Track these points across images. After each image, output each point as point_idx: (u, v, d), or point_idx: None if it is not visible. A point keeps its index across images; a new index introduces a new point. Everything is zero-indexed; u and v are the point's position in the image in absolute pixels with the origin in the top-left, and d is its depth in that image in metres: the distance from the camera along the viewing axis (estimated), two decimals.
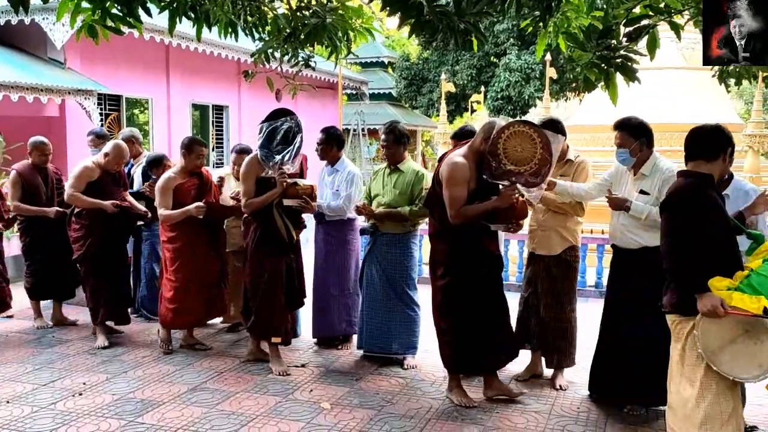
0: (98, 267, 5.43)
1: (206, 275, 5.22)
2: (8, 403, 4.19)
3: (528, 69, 20.96)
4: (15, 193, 5.71)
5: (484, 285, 4.20)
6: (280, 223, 4.75)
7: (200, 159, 5.18)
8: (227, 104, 14.44)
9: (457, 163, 4.05)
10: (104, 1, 3.57)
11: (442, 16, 3.66)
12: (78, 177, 5.35)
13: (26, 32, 10.03)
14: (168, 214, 5.08)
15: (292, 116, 4.72)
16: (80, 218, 5.42)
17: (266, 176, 4.73)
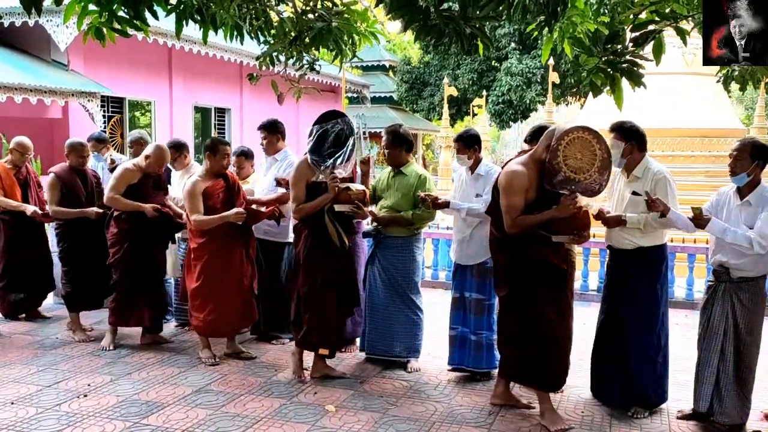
0: (134, 272, 5.28)
1: (239, 281, 5.03)
2: (13, 405, 4.19)
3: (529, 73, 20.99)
4: (53, 196, 5.56)
5: (545, 300, 3.93)
6: (332, 229, 4.57)
7: (226, 159, 5.03)
8: (229, 107, 14.48)
9: (516, 170, 3.90)
10: (111, 3, 3.59)
11: (448, 20, 3.68)
12: (118, 179, 5.23)
13: (30, 34, 10.07)
14: (203, 219, 4.88)
15: (343, 118, 4.61)
16: (119, 221, 5.27)
17: (317, 181, 4.58)
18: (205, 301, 4.97)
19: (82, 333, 5.66)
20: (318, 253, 4.59)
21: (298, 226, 4.72)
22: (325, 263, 4.58)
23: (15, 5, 9.06)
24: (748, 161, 3.85)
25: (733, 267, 3.91)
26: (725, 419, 3.92)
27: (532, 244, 3.91)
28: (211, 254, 4.94)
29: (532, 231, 3.88)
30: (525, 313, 3.96)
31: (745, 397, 3.95)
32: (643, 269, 4.14)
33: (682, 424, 4.08)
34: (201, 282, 4.97)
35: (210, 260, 4.94)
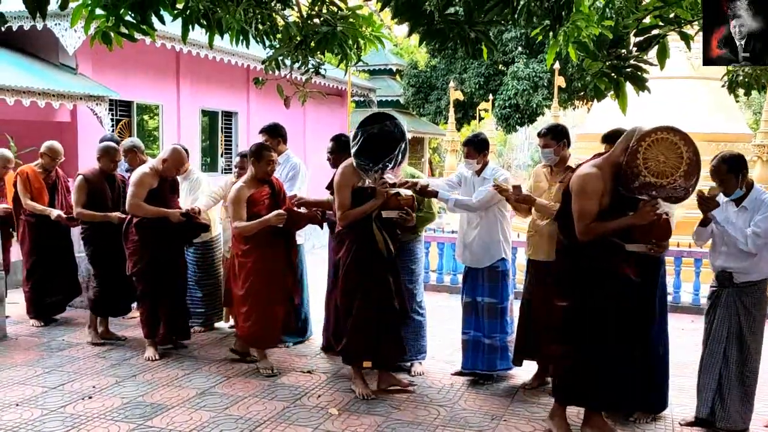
0: (156, 280, 5.21)
1: (283, 288, 4.95)
2: (18, 407, 4.22)
3: (536, 77, 20.96)
4: (80, 198, 5.53)
5: (614, 313, 3.68)
6: (379, 237, 4.40)
7: (270, 165, 4.90)
8: (236, 110, 14.51)
9: (589, 174, 3.65)
10: (118, 8, 3.62)
11: (453, 25, 3.69)
12: (139, 185, 5.13)
13: (38, 38, 10.12)
14: (245, 225, 4.77)
15: (392, 120, 4.40)
16: (141, 228, 5.16)
17: (363, 186, 4.44)
18: (250, 309, 4.87)
19: (96, 336, 5.63)
20: (363, 263, 4.43)
21: (341, 233, 4.55)
22: (369, 274, 4.43)
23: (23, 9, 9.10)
24: (731, 178, 3.87)
25: (735, 271, 3.91)
26: (728, 425, 3.91)
27: (603, 252, 3.65)
28: (254, 262, 4.85)
29: (605, 238, 3.62)
30: (595, 330, 3.68)
31: (749, 402, 3.94)
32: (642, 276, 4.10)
33: (686, 431, 4.06)
34: (246, 289, 4.87)
35: (254, 268, 4.85)
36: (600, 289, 3.67)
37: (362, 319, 4.42)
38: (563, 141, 4.50)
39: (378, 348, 4.49)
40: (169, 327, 5.31)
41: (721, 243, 3.98)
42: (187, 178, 5.82)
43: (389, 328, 4.53)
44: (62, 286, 6.21)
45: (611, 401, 3.80)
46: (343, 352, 4.56)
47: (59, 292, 6.21)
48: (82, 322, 6.24)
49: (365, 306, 4.42)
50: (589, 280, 3.70)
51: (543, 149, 4.54)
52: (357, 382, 4.53)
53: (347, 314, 4.48)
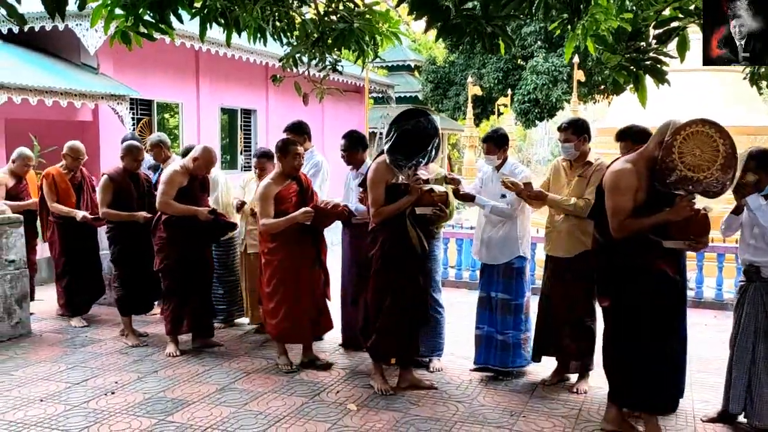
0: (183, 277, 5.22)
1: (312, 286, 4.90)
2: (42, 402, 4.29)
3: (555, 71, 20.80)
4: (105, 198, 5.53)
5: (649, 310, 3.61)
6: (413, 233, 4.36)
7: (297, 160, 4.84)
8: (255, 108, 14.58)
9: (623, 169, 3.57)
10: (137, 7, 3.65)
11: (469, 20, 3.67)
12: (169, 183, 5.16)
13: (60, 38, 10.26)
14: (272, 222, 4.74)
15: (426, 116, 4.36)
16: (169, 226, 5.19)
17: (397, 182, 4.38)
18: (277, 306, 4.84)
19: (135, 338, 5.63)
20: (396, 260, 4.38)
21: (374, 230, 4.50)
22: (402, 271, 4.39)
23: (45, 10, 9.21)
24: (760, 174, 3.85)
25: (762, 265, 3.85)
26: (757, 422, 3.85)
27: (639, 250, 3.56)
28: (281, 259, 4.81)
29: (641, 235, 3.54)
30: (631, 328, 3.64)
31: None
32: None
33: (708, 427, 4.01)
34: (272, 287, 4.85)
35: (280, 265, 4.82)
36: (635, 286, 3.60)
37: (393, 317, 4.39)
38: (584, 136, 4.46)
39: (408, 346, 4.50)
40: (193, 325, 5.33)
41: (750, 236, 3.92)
42: None
43: (417, 327, 4.54)
44: (89, 286, 6.25)
45: (644, 400, 3.72)
46: (371, 350, 4.54)
47: (86, 292, 6.25)
48: (106, 318, 6.33)
49: (397, 304, 4.39)
50: (624, 278, 3.63)
51: (563, 144, 4.51)
52: (376, 378, 4.53)
53: (377, 311, 4.44)
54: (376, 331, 4.44)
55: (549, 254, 4.65)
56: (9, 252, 5.76)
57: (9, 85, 8.58)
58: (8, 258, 5.76)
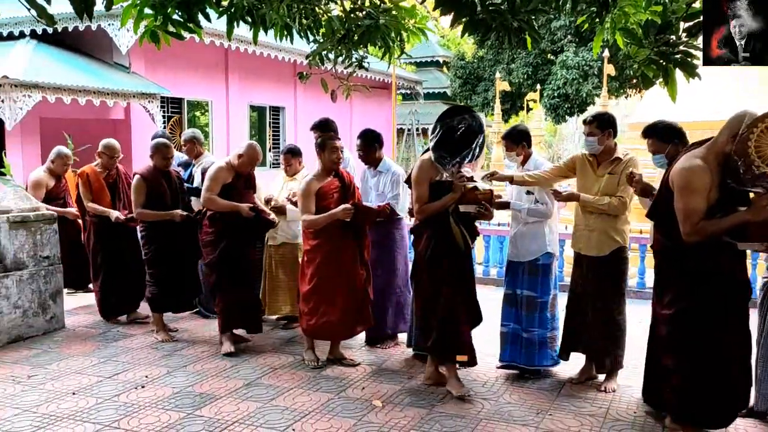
0: (230, 273, 5.22)
1: (352, 283, 4.83)
2: (74, 395, 4.38)
3: (586, 66, 20.52)
4: (138, 198, 5.49)
5: (725, 318, 3.42)
6: (456, 231, 4.33)
7: (335, 153, 4.80)
8: (284, 105, 14.69)
9: (694, 167, 3.35)
10: (166, 7, 3.70)
11: (495, 15, 3.64)
12: (214, 179, 5.14)
13: (93, 38, 10.45)
14: (312, 219, 4.72)
15: (470, 114, 4.33)
16: (213, 222, 5.20)
17: (441, 180, 4.37)
18: (317, 304, 4.81)
19: (165, 334, 5.64)
20: (441, 258, 4.36)
21: (418, 228, 4.50)
22: (449, 268, 4.37)
23: None
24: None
25: None
26: None
27: (712, 252, 3.35)
28: (323, 256, 4.78)
29: (716, 238, 3.31)
30: (700, 337, 3.42)
31: None
32: None
33: (738, 423, 3.93)
34: (313, 285, 4.82)
35: (322, 262, 4.78)
36: (707, 290, 3.40)
37: (450, 313, 4.35)
38: (609, 130, 4.38)
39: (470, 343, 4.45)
40: (241, 321, 5.34)
41: None
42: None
43: (471, 325, 4.51)
44: (125, 288, 6.09)
45: (725, 416, 3.54)
46: (434, 348, 4.47)
47: (122, 294, 6.11)
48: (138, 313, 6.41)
49: (451, 300, 4.35)
50: (694, 282, 3.42)
51: (587, 137, 4.45)
52: (454, 383, 4.40)
53: (434, 310, 4.40)
54: (437, 328, 4.39)
55: (579, 252, 4.59)
56: (44, 248, 5.90)
57: (44, 84, 8.78)
58: (43, 254, 5.89)
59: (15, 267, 5.67)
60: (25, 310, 5.68)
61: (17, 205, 5.86)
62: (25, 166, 9.25)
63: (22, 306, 5.66)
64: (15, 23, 10.13)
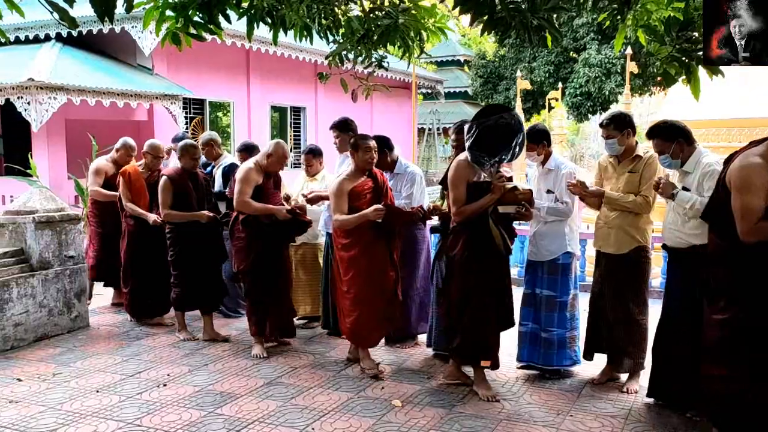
0: (264, 278, 5.13)
1: (384, 284, 4.73)
2: (98, 392, 4.44)
3: (608, 64, 20.33)
4: (166, 199, 5.45)
5: None
6: (495, 232, 4.21)
7: (369, 154, 4.69)
8: (305, 106, 14.75)
9: (753, 165, 3.23)
10: (187, 9, 3.74)
11: (514, 13, 3.62)
12: (244, 181, 5.03)
13: (117, 40, 10.59)
14: (344, 219, 4.63)
15: (508, 112, 4.20)
16: (247, 226, 5.08)
17: (478, 181, 4.28)
18: (353, 306, 4.73)
19: (186, 332, 5.66)
20: (479, 259, 4.26)
21: (456, 229, 4.39)
22: (485, 271, 4.28)
23: None
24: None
25: None
26: None
27: None
28: (355, 257, 4.70)
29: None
30: (758, 344, 3.24)
31: None
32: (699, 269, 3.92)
33: None
34: (347, 285, 4.76)
35: (354, 263, 4.71)
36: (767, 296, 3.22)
37: (479, 316, 4.28)
38: (627, 130, 4.34)
39: (495, 348, 4.38)
40: (274, 325, 5.28)
41: None
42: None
43: (502, 329, 4.44)
44: (157, 291, 5.99)
45: None
46: (457, 351, 4.41)
47: (153, 297, 6.05)
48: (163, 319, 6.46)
49: (481, 303, 4.28)
50: (754, 284, 3.25)
51: (606, 140, 4.40)
52: (482, 385, 4.38)
53: (461, 313, 4.32)
54: (462, 332, 4.33)
55: (599, 250, 4.56)
56: (68, 248, 5.99)
57: (69, 86, 8.91)
58: (68, 254, 5.98)
59: (41, 266, 5.76)
60: (50, 309, 5.77)
61: (43, 205, 5.95)
62: (51, 167, 9.41)
63: (47, 305, 5.75)
64: (41, 26, 10.30)
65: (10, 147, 11.44)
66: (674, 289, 4.08)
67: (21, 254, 5.79)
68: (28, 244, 5.77)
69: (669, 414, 4.06)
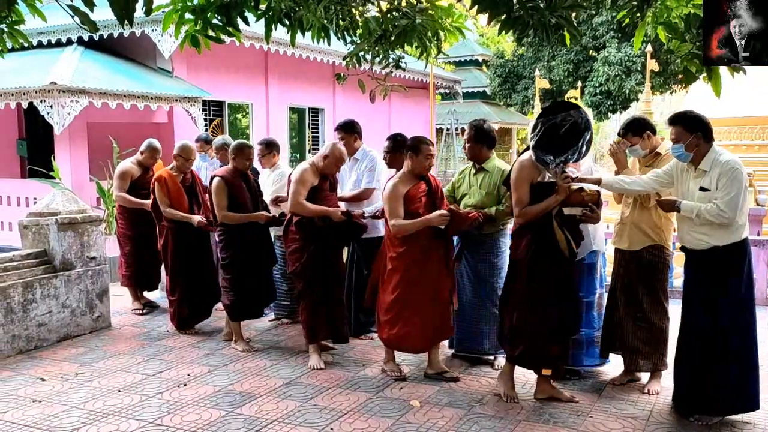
0: (318, 282, 4.97)
1: (437, 293, 4.58)
2: (120, 392, 4.49)
3: (629, 62, 20.13)
4: (222, 201, 5.25)
5: None
6: (560, 235, 4.04)
7: (429, 160, 4.56)
8: (323, 107, 14.79)
9: None
10: (205, 11, 3.77)
11: (532, 11, 3.60)
12: (300, 183, 4.89)
13: (137, 43, 10.70)
14: (403, 224, 4.44)
15: (576, 109, 4.03)
16: (301, 228, 4.94)
17: (543, 181, 4.12)
18: (399, 314, 4.56)
19: (245, 344, 5.43)
20: (544, 263, 4.08)
21: (518, 232, 4.22)
22: (551, 274, 4.10)
23: None
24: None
25: None
26: None
27: None
28: (409, 265, 4.52)
29: None
30: None
31: None
32: (721, 270, 3.85)
33: None
34: (397, 294, 4.55)
35: (408, 271, 4.52)
36: None
37: (543, 323, 4.11)
38: (646, 132, 4.31)
39: (560, 357, 4.23)
40: (328, 329, 5.09)
41: None
42: (273, 170, 5.98)
43: (568, 336, 4.27)
44: (204, 296, 5.94)
45: None
46: (519, 359, 4.23)
47: (201, 303, 5.95)
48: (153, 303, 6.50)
49: (546, 312, 4.09)
50: None
51: (630, 148, 4.36)
52: (558, 392, 4.27)
53: (524, 320, 4.14)
54: (524, 339, 4.16)
55: (615, 247, 4.52)
56: (90, 249, 6.06)
57: (90, 90, 9.02)
58: (90, 255, 6.05)
59: (63, 267, 5.84)
60: (73, 310, 5.85)
61: (65, 207, 6.03)
62: (73, 169, 9.52)
63: (70, 305, 5.82)
64: (63, 31, 10.44)
65: (34, 150, 11.62)
66: (693, 293, 4.01)
67: (44, 255, 5.87)
68: (51, 246, 5.86)
69: (680, 416, 4.01)
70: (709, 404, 3.90)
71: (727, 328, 3.83)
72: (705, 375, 3.86)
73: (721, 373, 3.83)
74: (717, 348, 3.84)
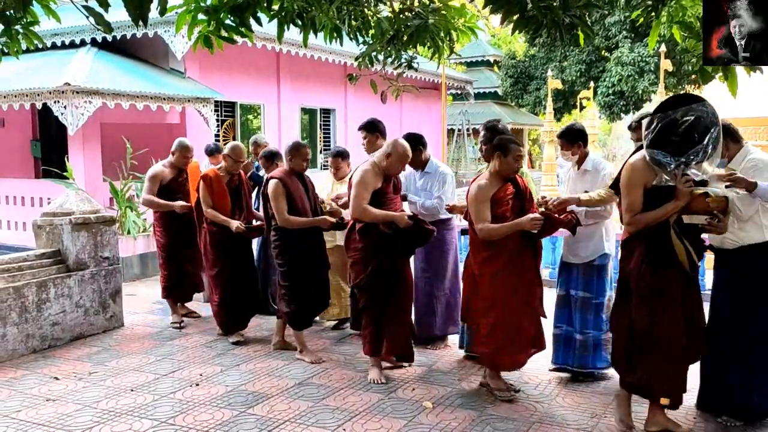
0: (383, 293, 4.62)
1: (531, 301, 4.29)
2: (133, 392, 4.51)
3: (642, 62, 20.02)
4: (280, 204, 4.93)
5: None
6: (679, 246, 3.54)
7: (518, 161, 4.26)
8: (334, 107, 14.80)
9: None
10: (218, 12, 3.78)
11: (546, 11, 3.58)
12: (362, 185, 4.49)
13: (150, 44, 10.75)
14: (491, 228, 4.14)
15: (701, 103, 3.47)
16: (365, 236, 4.55)
17: (659, 184, 3.62)
18: (494, 329, 4.24)
19: (312, 355, 5.15)
20: (658, 278, 3.61)
21: (629, 240, 3.77)
22: (671, 291, 3.62)
23: None
24: None
25: None
26: None
27: None
28: (497, 271, 4.22)
29: None
30: None
31: None
32: (749, 270, 3.81)
33: None
34: (487, 304, 4.26)
35: (495, 278, 4.23)
36: None
37: (664, 351, 3.62)
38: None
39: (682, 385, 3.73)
40: (391, 345, 4.72)
41: None
42: None
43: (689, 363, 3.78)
44: (246, 300, 5.77)
45: None
46: (634, 387, 3.79)
47: (243, 307, 5.77)
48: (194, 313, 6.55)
49: (669, 333, 3.61)
50: None
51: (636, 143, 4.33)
52: (673, 423, 3.79)
53: (638, 343, 3.70)
54: (641, 366, 3.70)
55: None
56: (104, 249, 6.09)
57: (104, 90, 9.07)
58: (103, 255, 6.08)
59: (77, 267, 5.88)
60: (86, 309, 5.88)
61: (79, 207, 6.07)
62: (87, 170, 9.58)
63: (83, 305, 5.86)
64: (76, 32, 10.51)
65: (47, 150, 11.71)
66: (721, 293, 3.95)
67: (58, 255, 5.91)
68: (64, 245, 5.89)
69: (707, 418, 3.98)
70: (738, 408, 3.87)
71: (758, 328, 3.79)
72: (732, 376, 3.82)
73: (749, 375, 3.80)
74: (744, 348, 3.80)
